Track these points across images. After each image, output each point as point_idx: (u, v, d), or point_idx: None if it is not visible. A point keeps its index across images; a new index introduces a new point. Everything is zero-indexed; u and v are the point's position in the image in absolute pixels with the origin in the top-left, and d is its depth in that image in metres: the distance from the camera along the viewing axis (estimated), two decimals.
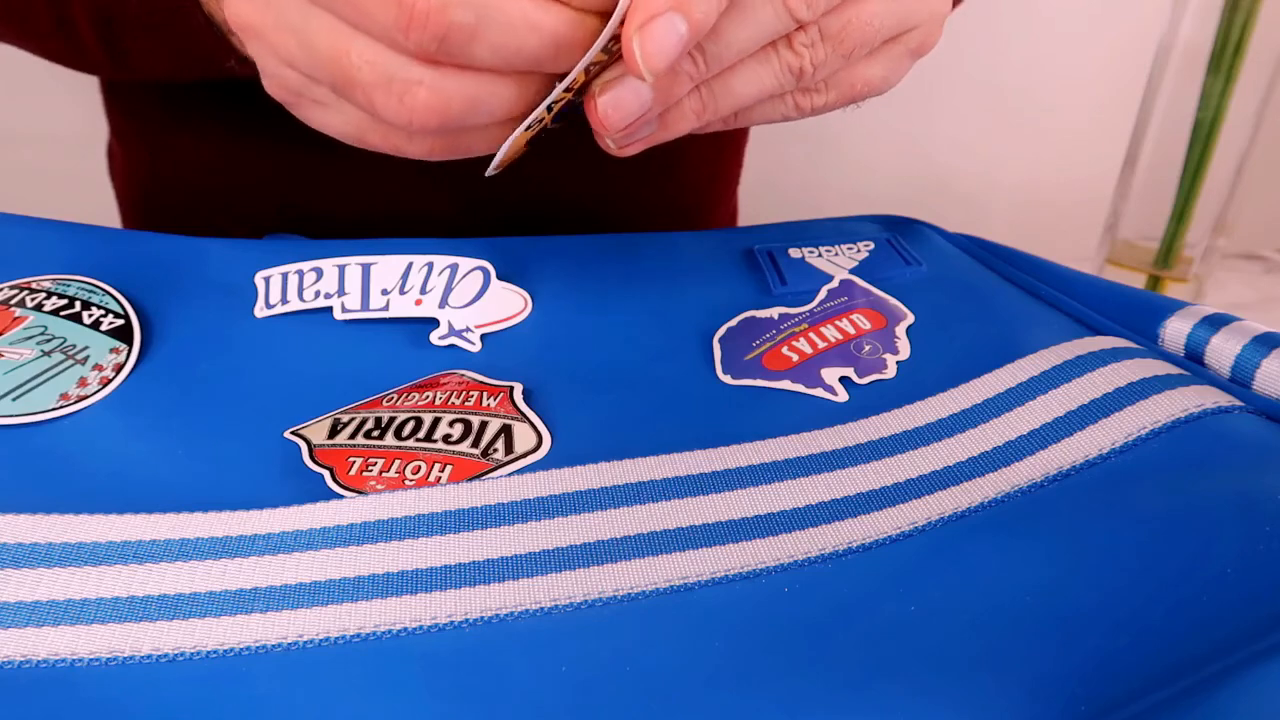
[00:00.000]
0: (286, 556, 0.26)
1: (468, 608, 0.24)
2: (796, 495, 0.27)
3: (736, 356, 0.33)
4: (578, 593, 0.25)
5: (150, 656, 0.23)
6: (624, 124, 0.28)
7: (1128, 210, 0.66)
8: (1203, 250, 0.65)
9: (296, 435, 0.30)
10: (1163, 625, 0.23)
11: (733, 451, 0.29)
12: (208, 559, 0.25)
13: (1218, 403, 0.28)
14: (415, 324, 0.35)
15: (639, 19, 0.25)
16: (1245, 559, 0.24)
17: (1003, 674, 0.22)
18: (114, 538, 0.26)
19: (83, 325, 0.33)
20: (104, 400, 0.31)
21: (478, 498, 0.27)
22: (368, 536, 0.26)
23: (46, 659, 0.23)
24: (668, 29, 0.25)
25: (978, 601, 0.24)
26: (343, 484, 0.28)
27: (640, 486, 0.28)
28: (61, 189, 0.69)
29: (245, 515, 0.27)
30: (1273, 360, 0.29)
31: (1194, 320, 0.32)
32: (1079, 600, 0.24)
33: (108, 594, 0.24)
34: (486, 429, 0.30)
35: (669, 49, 0.25)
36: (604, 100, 0.28)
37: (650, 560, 0.25)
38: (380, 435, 0.29)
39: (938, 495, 0.27)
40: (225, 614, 0.24)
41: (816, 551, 0.26)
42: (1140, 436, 0.28)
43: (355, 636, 0.24)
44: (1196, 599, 0.23)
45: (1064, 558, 0.25)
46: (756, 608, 0.24)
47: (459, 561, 0.25)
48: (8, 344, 0.32)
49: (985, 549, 0.25)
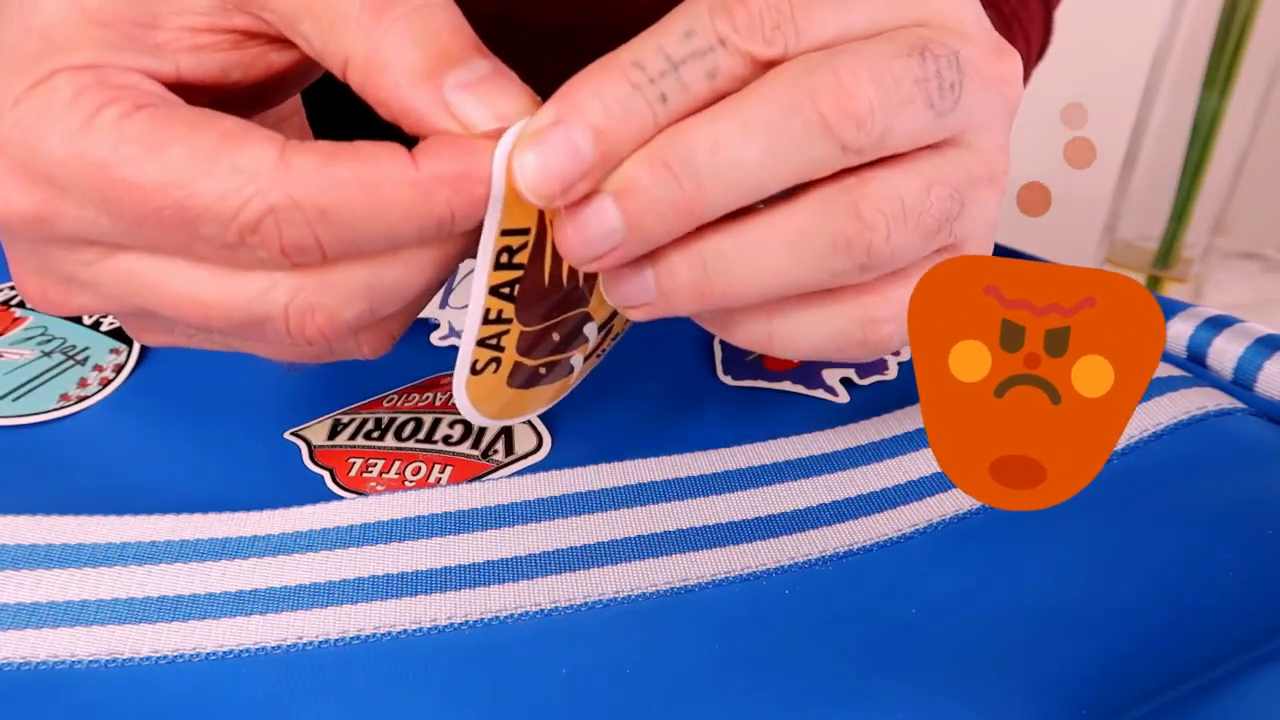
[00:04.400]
0: (286, 558, 0.26)
1: (468, 609, 0.24)
2: (797, 497, 0.27)
3: (737, 357, 0.33)
4: (578, 594, 0.25)
5: (150, 658, 0.23)
6: (587, 251, 0.20)
7: (1127, 210, 0.66)
8: (1202, 250, 0.65)
9: (296, 436, 0.30)
10: (1165, 627, 0.23)
11: (733, 453, 0.29)
12: (207, 560, 0.25)
13: (1220, 405, 0.28)
14: (415, 324, 0.35)
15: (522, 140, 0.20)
16: (1248, 561, 0.24)
17: (1004, 676, 0.22)
18: (113, 539, 0.26)
19: (83, 326, 0.33)
20: (104, 401, 0.31)
21: (478, 499, 0.27)
22: (368, 538, 0.26)
23: (46, 660, 0.23)
24: (563, 143, 0.19)
25: (979, 604, 0.24)
26: (343, 485, 0.28)
27: (640, 488, 0.28)
28: None
29: (245, 516, 0.27)
30: (1275, 362, 0.29)
31: (1196, 322, 0.32)
32: (1080, 602, 0.24)
33: (107, 595, 0.24)
34: (486, 430, 0.30)
35: (557, 165, 0.19)
36: (565, 219, 0.20)
37: (650, 562, 0.25)
38: (380, 436, 0.29)
39: (939, 497, 0.27)
40: (225, 615, 0.24)
41: (817, 553, 0.26)
42: (1142, 439, 0.28)
43: (355, 638, 0.24)
44: (1199, 601, 0.23)
45: (1065, 560, 0.25)
46: (757, 609, 0.24)
47: (459, 563, 0.25)
48: (8, 344, 0.32)
49: (986, 551, 0.25)
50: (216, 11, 0.21)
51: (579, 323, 0.25)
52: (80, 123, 0.20)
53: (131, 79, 0.21)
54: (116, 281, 0.22)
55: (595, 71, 0.20)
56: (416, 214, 0.20)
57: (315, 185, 0.19)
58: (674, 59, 0.20)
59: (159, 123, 0.20)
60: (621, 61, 0.20)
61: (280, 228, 0.19)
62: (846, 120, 0.20)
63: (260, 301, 0.21)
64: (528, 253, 0.21)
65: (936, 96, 0.20)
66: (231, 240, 0.20)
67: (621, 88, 0.19)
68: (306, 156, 0.19)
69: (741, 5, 0.20)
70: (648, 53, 0.20)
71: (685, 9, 0.20)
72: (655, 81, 0.19)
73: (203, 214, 0.19)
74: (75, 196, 0.20)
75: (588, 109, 0.19)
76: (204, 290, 0.21)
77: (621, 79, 0.19)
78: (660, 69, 0.19)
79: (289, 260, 0.20)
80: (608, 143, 0.19)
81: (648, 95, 0.19)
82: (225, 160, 0.19)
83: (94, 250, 0.21)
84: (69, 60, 0.20)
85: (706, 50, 0.20)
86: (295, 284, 0.21)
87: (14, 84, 0.20)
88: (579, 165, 0.19)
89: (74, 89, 0.20)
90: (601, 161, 0.19)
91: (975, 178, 0.22)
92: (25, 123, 0.20)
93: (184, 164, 0.19)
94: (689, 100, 0.20)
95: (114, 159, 0.19)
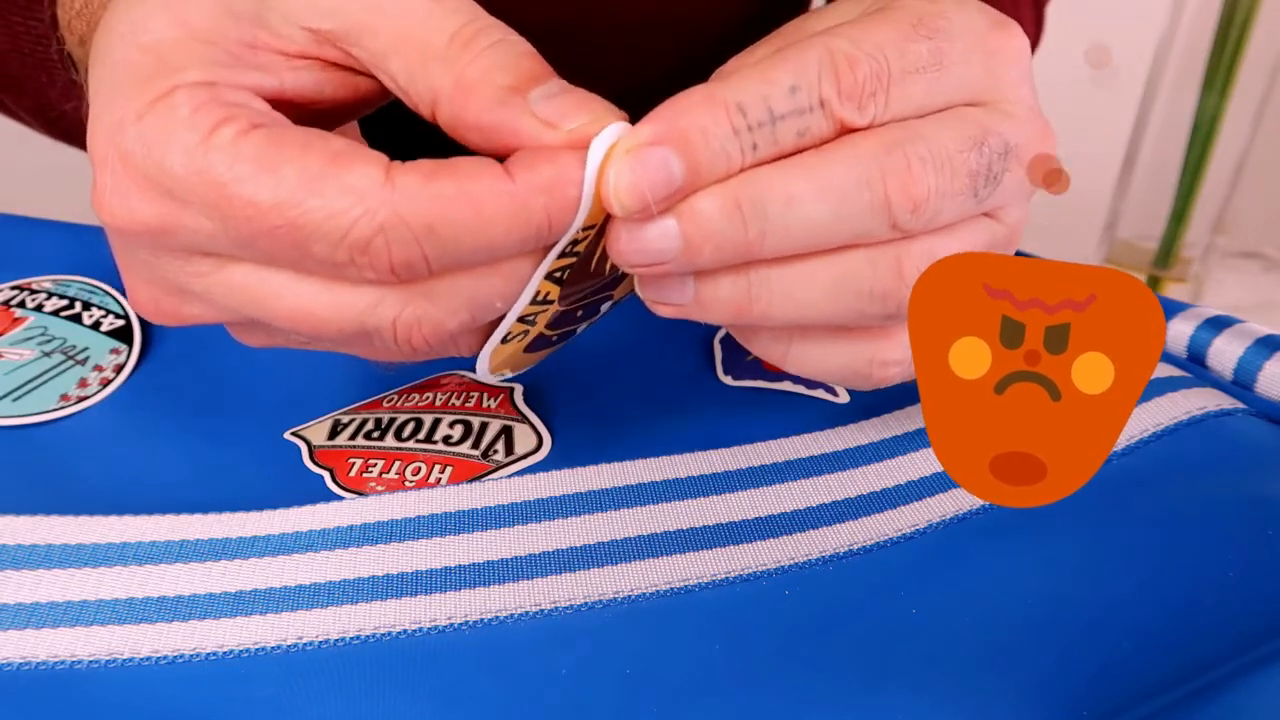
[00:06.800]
0: (286, 558, 0.26)
1: (468, 609, 0.24)
2: (797, 497, 0.27)
3: (737, 357, 0.33)
4: (578, 595, 0.25)
5: (150, 658, 0.23)
6: (637, 259, 0.21)
7: (1127, 210, 0.66)
8: (1202, 250, 0.65)
9: (297, 436, 0.30)
10: (1166, 628, 0.23)
11: (733, 453, 0.29)
12: (207, 560, 0.25)
13: (1220, 405, 0.28)
14: None
15: (615, 152, 0.21)
16: (1249, 561, 0.24)
17: (1005, 677, 0.22)
18: (114, 539, 0.26)
19: (83, 326, 0.33)
20: (104, 401, 0.31)
21: (478, 499, 0.27)
22: (368, 538, 0.26)
23: (46, 660, 0.23)
24: (659, 163, 0.20)
25: (980, 604, 0.24)
26: (343, 485, 0.28)
27: (640, 488, 0.28)
28: (61, 189, 0.69)
29: (245, 516, 0.27)
30: (1275, 363, 0.29)
31: (1196, 322, 0.32)
32: (1081, 603, 0.24)
33: (107, 595, 0.24)
34: (487, 430, 0.30)
35: (649, 181, 0.20)
36: (626, 225, 0.21)
37: (650, 562, 0.25)
38: (380, 436, 0.29)
39: (939, 497, 0.27)
40: (225, 615, 0.24)
41: (818, 554, 0.26)
42: (1143, 439, 0.28)
43: (355, 638, 0.24)
44: (1200, 602, 0.23)
45: (1066, 560, 0.25)
46: (757, 610, 0.24)
47: (459, 563, 0.25)
48: (8, 345, 0.32)
49: (987, 551, 0.25)
50: (310, 43, 0.22)
51: (600, 302, 0.26)
52: (199, 139, 0.20)
53: (243, 97, 0.22)
54: (230, 293, 0.22)
55: (700, 102, 0.20)
56: (517, 224, 0.20)
57: (421, 202, 0.20)
58: (775, 113, 0.21)
59: (272, 143, 0.20)
60: (727, 101, 0.20)
61: (389, 246, 0.20)
62: (906, 203, 0.21)
63: (370, 315, 0.22)
64: (585, 244, 0.22)
65: (982, 188, 0.22)
66: (342, 259, 0.20)
67: (724, 128, 0.20)
68: (410, 175, 0.20)
69: (849, 70, 0.21)
70: (752, 100, 0.21)
71: (793, 61, 0.21)
72: (753, 130, 0.21)
73: (315, 232, 0.20)
74: (194, 210, 0.21)
75: (690, 138, 0.20)
76: (316, 304, 0.22)
77: (725, 120, 0.20)
78: (759, 119, 0.21)
79: (397, 277, 0.21)
80: (698, 175, 0.20)
81: (743, 141, 0.21)
82: (335, 180, 0.20)
83: (209, 262, 0.22)
84: (184, 78, 0.21)
85: (806, 109, 0.21)
86: (402, 298, 0.22)
87: (136, 99, 0.21)
88: (668, 187, 0.20)
89: (192, 105, 0.21)
90: (685, 189, 0.21)
91: (997, 245, 0.24)
92: (148, 137, 0.21)
93: (296, 183, 0.20)
94: (774, 152, 0.21)
95: (230, 176, 0.20)
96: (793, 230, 0.21)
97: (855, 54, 0.21)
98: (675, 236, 0.21)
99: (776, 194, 0.21)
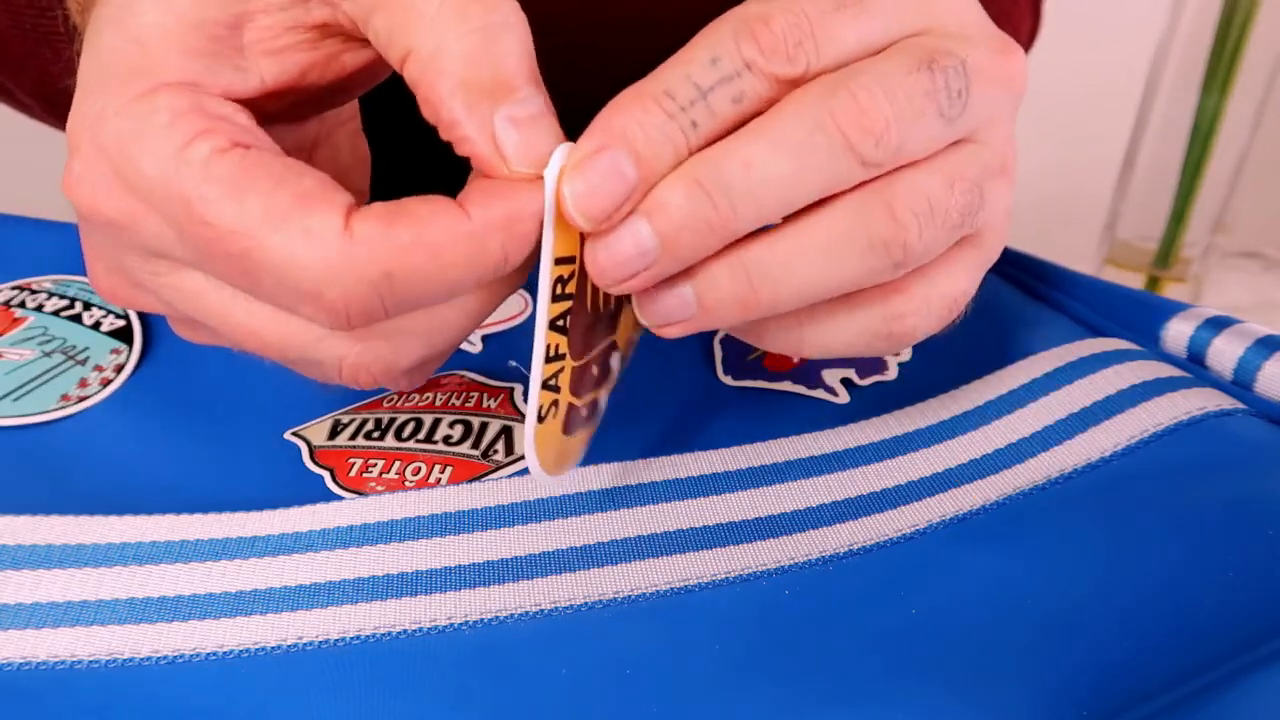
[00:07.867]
0: (286, 558, 0.26)
1: (467, 610, 0.24)
2: (797, 497, 0.27)
3: (738, 357, 0.33)
4: (578, 595, 0.25)
5: (150, 658, 0.23)
6: (619, 271, 0.21)
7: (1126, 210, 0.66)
8: (1202, 250, 0.65)
9: (297, 436, 0.30)
10: (1166, 628, 0.23)
11: (733, 453, 0.29)
12: (207, 560, 0.25)
13: (1220, 405, 0.28)
14: None
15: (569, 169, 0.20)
16: (1248, 561, 0.24)
17: (1005, 678, 0.22)
18: (114, 539, 0.26)
19: (83, 326, 0.33)
20: (104, 401, 0.31)
21: (478, 499, 0.27)
22: (368, 538, 0.26)
23: (47, 661, 0.23)
24: (609, 165, 0.20)
25: (979, 605, 0.24)
26: (343, 485, 0.28)
27: (640, 488, 0.28)
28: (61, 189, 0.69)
29: (245, 516, 0.27)
30: (1275, 363, 0.29)
31: (1196, 322, 0.32)
32: (1080, 603, 0.24)
33: (108, 596, 0.24)
34: (487, 430, 0.30)
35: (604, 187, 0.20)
36: (598, 241, 0.21)
37: (650, 562, 0.25)
38: (380, 436, 0.29)
39: (939, 498, 0.27)
40: (225, 616, 0.24)
41: (817, 554, 0.26)
42: (1142, 439, 0.28)
43: (355, 638, 0.24)
44: (1199, 602, 0.23)
45: (1066, 561, 0.25)
46: (757, 610, 0.24)
47: (459, 563, 0.25)
48: (8, 345, 0.32)
49: (987, 552, 0.25)
50: (297, 4, 0.22)
51: (607, 355, 0.25)
52: (174, 150, 0.20)
53: (227, 110, 0.21)
54: (181, 297, 0.23)
55: (629, 101, 0.21)
56: (475, 263, 0.20)
57: (380, 252, 0.20)
58: (702, 87, 0.21)
59: (246, 170, 0.20)
60: (654, 91, 0.21)
61: (345, 297, 0.20)
62: (865, 137, 0.21)
63: (317, 347, 0.22)
64: (574, 283, 0.22)
65: (946, 105, 0.21)
66: (289, 302, 0.21)
67: (657, 116, 0.20)
68: (369, 223, 0.20)
69: (764, 27, 0.21)
70: (677, 82, 0.21)
71: (708, 35, 0.21)
72: (686, 110, 0.20)
73: (268, 267, 0.20)
74: (156, 216, 0.21)
75: (628, 134, 0.20)
76: (264, 327, 0.22)
77: (655, 107, 0.20)
78: (690, 98, 0.20)
79: (350, 325, 0.21)
80: (647, 167, 0.20)
81: (680, 123, 0.20)
82: (296, 222, 0.20)
83: (165, 264, 0.22)
84: (167, 75, 0.21)
85: (733, 75, 0.21)
86: (354, 336, 0.22)
87: (119, 92, 0.21)
88: (624, 186, 0.20)
89: (172, 112, 0.21)
90: (642, 184, 0.20)
91: (990, 170, 0.23)
92: (124, 136, 0.21)
93: (257, 216, 0.20)
94: (717, 125, 0.21)
95: (195, 194, 0.20)
96: (761, 194, 0.21)
97: (767, 11, 0.21)
98: (650, 235, 0.21)
99: (733, 162, 0.20)
